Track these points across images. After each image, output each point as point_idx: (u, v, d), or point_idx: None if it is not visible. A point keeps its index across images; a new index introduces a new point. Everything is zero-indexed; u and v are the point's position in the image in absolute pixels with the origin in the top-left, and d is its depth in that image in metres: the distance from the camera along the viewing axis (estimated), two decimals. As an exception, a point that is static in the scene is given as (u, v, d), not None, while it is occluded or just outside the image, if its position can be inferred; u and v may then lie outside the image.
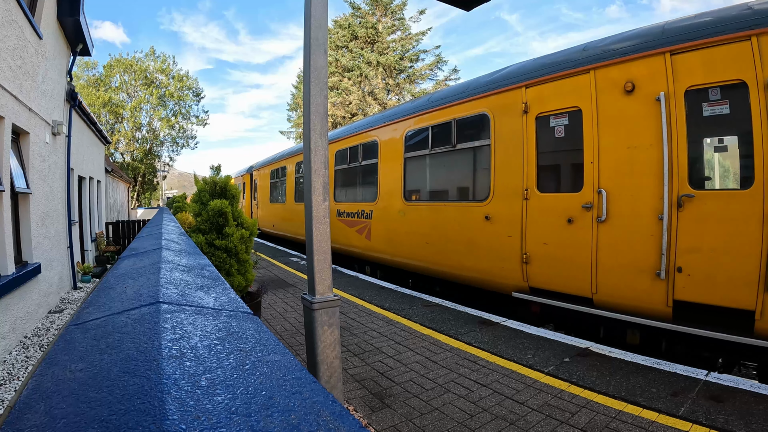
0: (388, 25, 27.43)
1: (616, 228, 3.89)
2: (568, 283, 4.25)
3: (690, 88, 3.50)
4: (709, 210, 3.38)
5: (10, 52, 4.38)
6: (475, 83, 5.54)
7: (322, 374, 2.30)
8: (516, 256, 4.70)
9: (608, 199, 3.92)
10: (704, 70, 3.43)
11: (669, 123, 3.55)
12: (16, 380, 3.71)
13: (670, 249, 3.54)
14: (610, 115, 3.96)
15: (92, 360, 0.76)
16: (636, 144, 3.77)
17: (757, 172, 3.13)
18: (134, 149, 30.40)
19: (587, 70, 4.13)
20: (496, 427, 2.44)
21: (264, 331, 0.97)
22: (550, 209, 4.41)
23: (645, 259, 3.69)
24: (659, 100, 3.60)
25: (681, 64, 3.54)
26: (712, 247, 3.35)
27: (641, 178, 3.73)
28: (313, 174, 2.36)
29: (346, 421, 0.58)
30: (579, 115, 4.18)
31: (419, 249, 6.12)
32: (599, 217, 3.96)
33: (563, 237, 4.26)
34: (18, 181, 4.87)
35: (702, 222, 3.40)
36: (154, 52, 30.62)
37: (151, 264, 1.74)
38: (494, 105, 5.04)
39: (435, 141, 5.98)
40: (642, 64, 3.75)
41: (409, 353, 3.64)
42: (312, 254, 2.36)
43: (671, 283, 3.55)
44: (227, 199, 4.33)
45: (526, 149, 4.63)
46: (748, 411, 2.47)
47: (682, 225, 3.49)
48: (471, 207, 5.31)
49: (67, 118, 7.39)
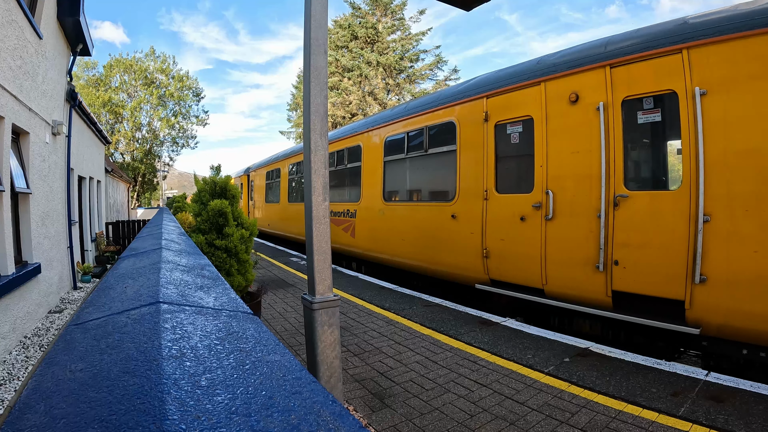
0: (388, 25, 27.42)
1: (561, 225, 4.29)
2: (523, 275, 4.66)
3: (626, 98, 3.84)
4: (642, 209, 3.71)
5: (10, 52, 4.38)
6: (445, 93, 6.01)
7: (322, 374, 2.30)
8: (477, 251, 5.14)
9: (554, 199, 4.33)
10: (639, 82, 3.76)
11: (607, 130, 3.93)
12: (16, 380, 3.71)
13: (607, 244, 3.91)
14: (557, 123, 4.35)
15: (92, 360, 0.76)
16: (579, 149, 4.15)
17: (685, 174, 3.43)
18: (134, 149, 30.39)
19: (539, 83, 4.53)
20: (496, 427, 2.44)
21: (264, 331, 0.97)
22: (506, 208, 4.85)
23: (586, 253, 4.05)
24: (599, 109, 3.96)
25: (619, 76, 3.88)
26: (644, 243, 3.68)
27: (583, 180, 4.11)
28: (313, 174, 2.35)
29: (346, 421, 0.58)
30: (531, 123, 4.59)
31: (397, 246, 6.58)
32: (547, 215, 4.37)
33: (517, 233, 4.68)
34: (18, 181, 4.87)
35: (635, 219, 3.74)
36: (154, 52, 30.63)
37: (151, 264, 1.74)
38: (460, 114, 5.52)
39: (410, 146, 6.48)
40: (585, 76, 4.12)
41: (409, 353, 3.64)
42: (312, 254, 2.36)
43: (609, 275, 3.91)
44: (227, 199, 4.33)
45: (486, 154, 5.11)
46: (748, 411, 2.47)
47: (618, 222, 3.84)
48: (440, 207, 5.77)
49: (67, 118, 7.39)
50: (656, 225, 3.60)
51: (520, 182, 4.81)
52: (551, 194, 4.33)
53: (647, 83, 3.70)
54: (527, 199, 4.57)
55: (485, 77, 5.44)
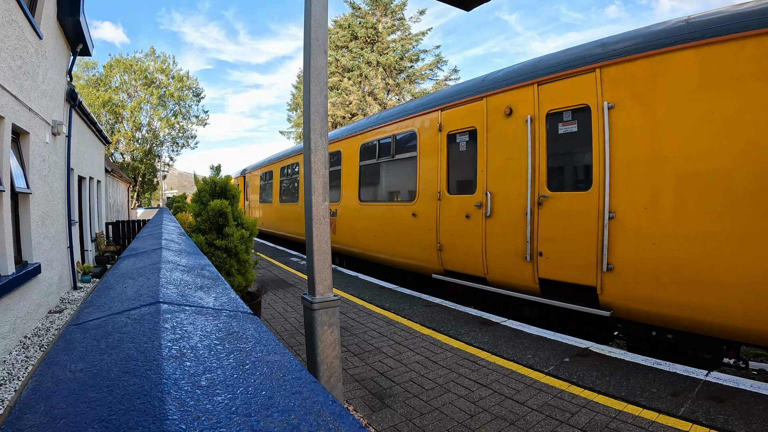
0: (388, 25, 27.41)
1: (497, 222, 4.93)
2: (469, 265, 5.32)
3: (550, 111, 4.40)
4: (561, 207, 4.28)
5: (10, 52, 4.38)
6: (409, 106, 6.73)
7: (322, 374, 2.30)
8: (433, 245, 5.83)
9: (492, 199, 4.97)
10: (561, 97, 4.31)
11: (533, 139, 4.51)
12: (16, 380, 3.71)
13: (533, 238, 4.49)
14: (495, 133, 4.98)
15: (92, 360, 0.76)
16: (512, 156, 4.75)
17: (595, 177, 3.95)
18: (134, 149, 30.37)
19: (482, 98, 5.14)
20: (496, 427, 2.44)
21: (264, 331, 0.97)
22: (455, 208, 5.51)
23: (517, 245, 4.65)
24: (527, 121, 4.55)
25: (545, 92, 4.44)
26: (563, 236, 4.23)
27: (514, 183, 4.70)
28: (313, 174, 2.35)
29: (346, 421, 0.58)
30: (475, 133, 5.26)
31: (370, 241, 7.30)
32: (486, 213, 5.02)
33: (464, 229, 5.34)
34: (18, 181, 4.87)
35: (555, 216, 4.31)
36: (154, 52, 30.62)
37: (151, 264, 1.74)
38: (420, 124, 6.23)
39: (381, 152, 7.20)
40: (518, 92, 4.71)
41: (409, 353, 3.64)
42: (312, 254, 2.36)
43: (536, 264, 4.48)
44: (227, 199, 4.33)
45: (440, 160, 5.79)
46: (748, 411, 2.47)
47: (542, 219, 4.43)
48: (404, 206, 6.48)
49: (67, 118, 7.39)
50: (572, 221, 4.15)
51: (466, 185, 5.45)
52: (489, 195, 4.98)
53: (567, 98, 4.25)
54: (471, 200, 5.24)
55: (441, 92, 6.20)
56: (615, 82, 3.86)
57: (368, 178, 7.61)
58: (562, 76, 4.27)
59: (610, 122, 3.85)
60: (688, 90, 3.43)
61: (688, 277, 3.38)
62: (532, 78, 4.55)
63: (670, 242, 3.48)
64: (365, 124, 7.82)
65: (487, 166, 5.03)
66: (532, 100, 4.54)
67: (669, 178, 3.51)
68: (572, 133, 4.25)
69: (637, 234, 3.67)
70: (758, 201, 3.03)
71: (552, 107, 4.36)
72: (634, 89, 3.72)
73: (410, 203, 6.29)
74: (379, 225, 7.06)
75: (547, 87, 4.42)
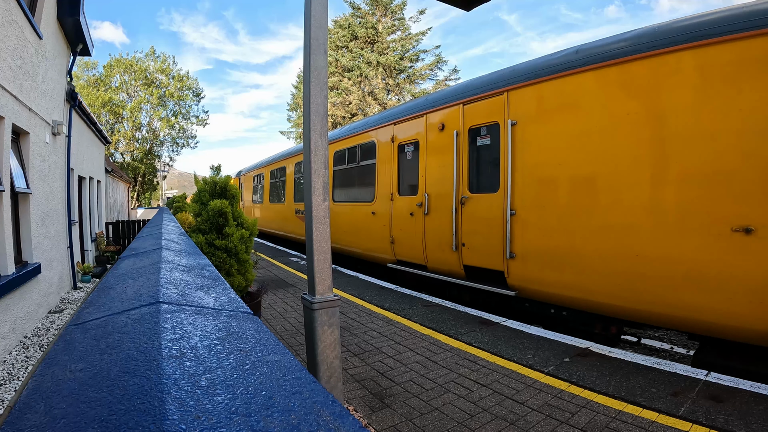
0: (388, 25, 27.41)
1: (433, 218, 5.86)
2: (414, 255, 6.29)
3: (471, 126, 5.31)
4: (477, 206, 5.17)
5: (10, 52, 4.38)
6: (371, 120, 7.79)
7: (322, 374, 2.30)
8: (387, 239, 6.83)
9: (429, 199, 5.93)
10: (479, 115, 5.19)
11: (458, 150, 5.46)
12: (16, 380, 3.71)
13: (458, 231, 5.41)
14: (432, 145, 5.95)
15: (92, 360, 0.76)
16: (444, 164, 5.69)
17: (501, 181, 4.80)
18: (134, 149, 30.35)
19: (423, 115, 6.15)
20: (496, 427, 2.44)
21: (264, 331, 0.97)
22: (403, 207, 6.48)
23: (447, 238, 5.56)
24: (455, 135, 5.48)
25: (468, 111, 5.35)
26: (479, 230, 5.12)
27: (445, 186, 5.62)
28: (313, 174, 2.35)
29: (346, 421, 0.58)
30: (418, 144, 6.26)
31: (342, 236, 8.29)
32: (425, 211, 5.97)
33: (409, 225, 6.33)
34: (18, 181, 4.87)
35: (474, 213, 5.21)
36: (154, 52, 30.59)
37: (151, 264, 1.74)
38: (378, 136, 7.27)
39: (349, 159, 8.29)
40: (449, 111, 5.66)
41: (409, 353, 3.64)
42: (312, 254, 2.36)
43: (460, 253, 5.39)
44: (227, 199, 4.32)
45: (393, 166, 6.80)
46: (748, 411, 2.47)
47: (464, 216, 5.34)
48: (366, 206, 7.45)
49: (67, 118, 7.39)
50: (486, 217, 5.01)
51: (412, 187, 6.39)
52: (427, 196, 5.95)
53: (484, 116, 5.11)
54: (415, 200, 6.22)
55: (394, 109, 7.23)
56: (517, 103, 4.68)
57: (339, 181, 8.71)
58: (482, 98, 5.13)
59: (512, 136, 4.69)
60: (560, 111, 4.27)
61: (566, 263, 4.17)
62: (460, 99, 5.46)
63: (553, 234, 4.28)
64: (338, 134, 8.91)
65: (426, 172, 6.02)
66: (459, 118, 5.47)
67: (550, 182, 4.33)
68: (487, 145, 5.13)
69: (531, 228, 4.51)
70: (612, 201, 3.81)
71: (473, 123, 5.27)
72: (528, 109, 4.57)
73: (370, 203, 7.30)
74: (347, 222, 8.10)
75: (470, 107, 5.32)
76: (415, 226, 6.14)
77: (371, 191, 7.34)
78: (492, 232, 4.87)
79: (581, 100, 4.09)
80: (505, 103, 4.78)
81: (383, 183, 6.98)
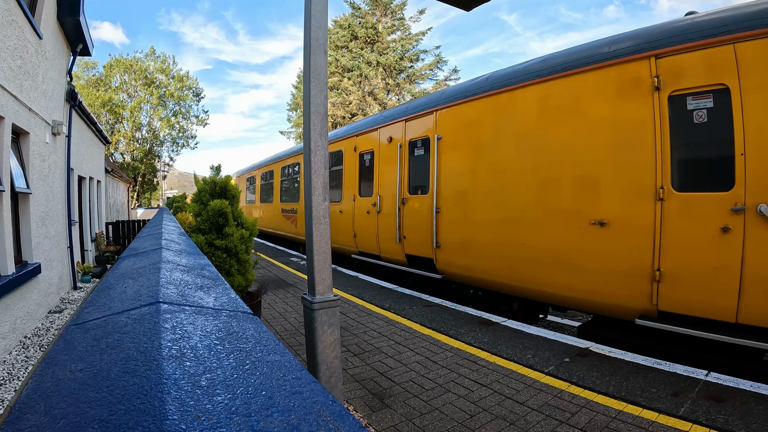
0: (388, 25, 27.39)
1: (384, 216, 7.02)
2: (371, 247, 7.42)
3: (410, 140, 6.45)
4: (414, 205, 6.31)
5: (10, 52, 4.38)
6: (339, 132, 9.06)
7: (322, 374, 2.30)
8: (351, 233, 7.97)
9: (381, 200, 7.09)
10: (416, 130, 6.35)
11: (401, 159, 6.60)
12: (16, 380, 3.71)
13: (401, 226, 6.57)
14: (383, 155, 7.12)
15: (92, 360, 0.76)
16: (391, 170, 6.84)
17: (430, 185, 5.90)
18: (134, 149, 30.33)
19: (377, 129, 7.34)
20: (496, 427, 2.44)
21: (264, 331, 0.97)
22: (363, 206, 7.55)
23: (393, 232, 6.71)
24: (399, 146, 6.64)
25: (409, 127, 6.50)
26: (415, 225, 6.24)
27: (391, 189, 6.79)
28: (313, 174, 2.35)
29: (346, 421, 0.58)
30: (373, 153, 7.42)
31: None
32: (378, 210, 7.14)
33: (367, 222, 7.47)
34: (18, 181, 4.86)
35: (411, 211, 6.35)
36: (154, 52, 30.57)
37: (151, 264, 1.74)
38: (345, 146, 8.48)
39: None
40: (394, 126, 6.85)
41: (409, 353, 3.64)
42: (312, 254, 2.36)
43: (403, 245, 6.53)
44: (227, 199, 4.32)
45: (355, 172, 8.00)
46: (748, 411, 2.47)
47: (405, 213, 6.49)
48: (336, 205, 8.59)
49: (67, 118, 7.39)
50: (420, 214, 6.14)
51: (368, 190, 7.54)
52: (380, 197, 7.11)
53: (420, 131, 6.26)
54: (371, 200, 7.36)
55: (358, 123, 8.52)
56: (442, 121, 5.80)
57: None
58: (419, 116, 6.26)
59: (438, 148, 5.81)
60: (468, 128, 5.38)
61: (473, 251, 5.23)
62: (403, 116, 6.62)
63: (463, 228, 5.40)
64: None
65: (379, 177, 7.20)
66: (402, 132, 6.62)
67: (461, 185, 5.46)
68: (422, 155, 6.23)
69: (449, 223, 5.62)
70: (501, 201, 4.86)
71: (412, 137, 6.42)
72: (448, 126, 5.71)
73: (339, 203, 8.51)
74: None
75: (410, 123, 6.47)
76: (371, 222, 7.32)
77: (339, 193, 8.59)
78: (424, 227, 6.00)
79: (482, 120, 5.18)
80: (435, 121, 5.91)
81: (348, 186, 8.22)
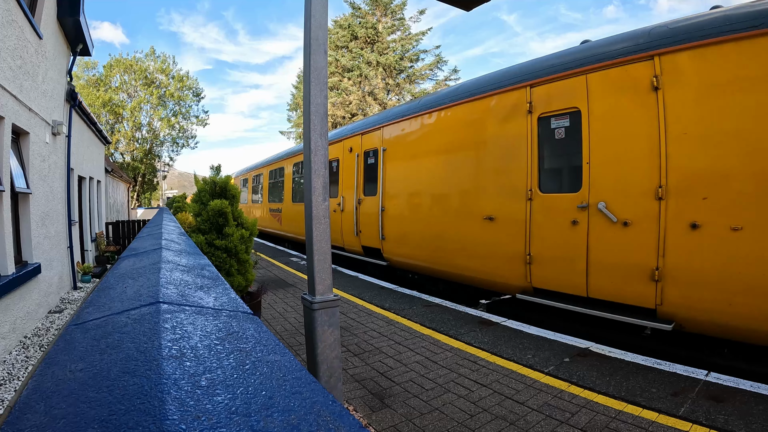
0: (388, 25, 27.38)
1: (346, 214, 8.32)
2: (336, 239, 8.61)
3: (365, 150, 7.76)
4: (367, 205, 7.57)
5: (10, 52, 4.38)
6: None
7: (322, 374, 2.30)
8: None
9: (344, 201, 8.44)
10: (369, 142, 7.64)
11: (358, 167, 7.93)
12: (16, 380, 3.71)
13: (358, 223, 7.87)
14: (345, 162, 8.50)
15: (92, 360, 0.76)
16: (351, 176, 8.11)
17: (378, 188, 7.18)
18: (134, 149, 30.33)
19: (341, 140, 8.73)
20: (496, 427, 2.44)
21: (264, 331, 0.97)
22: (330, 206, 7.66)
23: (353, 228, 7.97)
24: (356, 156, 7.96)
25: (364, 139, 7.82)
26: (368, 221, 7.49)
27: (351, 190, 8.07)
28: (313, 174, 2.35)
29: (346, 421, 0.58)
30: (338, 161, 8.84)
31: (300, 229, 10.77)
32: (341, 209, 8.48)
33: (333, 219, 8.67)
34: (18, 181, 4.86)
35: (365, 210, 7.61)
36: (155, 52, 30.56)
37: (151, 264, 1.74)
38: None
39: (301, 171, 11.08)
40: (353, 139, 8.24)
41: (409, 353, 3.64)
42: (312, 254, 2.36)
43: (359, 238, 7.80)
44: (227, 199, 4.32)
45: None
46: (748, 411, 2.47)
47: (360, 212, 7.79)
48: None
49: (67, 118, 7.39)
50: (371, 212, 7.40)
51: (334, 191, 8.80)
52: (343, 198, 8.45)
53: (371, 144, 7.57)
54: (335, 201, 8.69)
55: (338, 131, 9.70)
56: (386, 135, 7.12)
57: (297, 186, 11.71)
58: (371, 130, 7.61)
59: (384, 158, 7.10)
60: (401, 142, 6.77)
61: (407, 241, 6.56)
62: (360, 130, 8.02)
63: (400, 223, 6.74)
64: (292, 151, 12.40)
65: (342, 181, 8.55)
66: (360, 144, 7.95)
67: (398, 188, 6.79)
68: (372, 164, 7.50)
69: (391, 219, 6.90)
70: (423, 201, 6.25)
71: (366, 148, 7.72)
72: (390, 140, 7.03)
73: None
74: (300, 218, 10.33)
75: (365, 136, 7.80)
76: (336, 219, 8.62)
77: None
78: (373, 222, 7.27)
79: (412, 135, 6.52)
80: (381, 136, 7.23)
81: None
